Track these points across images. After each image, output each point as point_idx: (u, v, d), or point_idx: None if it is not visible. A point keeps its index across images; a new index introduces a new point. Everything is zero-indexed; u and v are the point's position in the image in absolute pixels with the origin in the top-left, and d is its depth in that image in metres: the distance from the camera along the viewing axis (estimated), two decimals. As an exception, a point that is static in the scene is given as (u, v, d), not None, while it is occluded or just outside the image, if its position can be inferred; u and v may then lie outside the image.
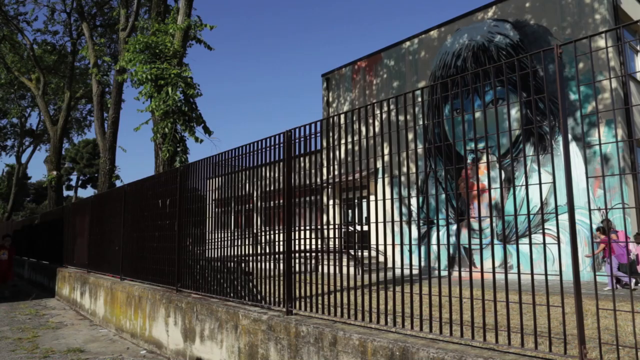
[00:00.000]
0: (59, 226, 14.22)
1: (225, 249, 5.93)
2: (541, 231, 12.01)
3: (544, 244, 2.94)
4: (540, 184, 2.98)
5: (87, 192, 58.11)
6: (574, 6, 13.10)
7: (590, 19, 12.71)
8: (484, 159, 11.54)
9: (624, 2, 13.15)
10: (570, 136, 12.65)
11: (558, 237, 2.72)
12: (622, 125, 12.03)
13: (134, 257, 8.37)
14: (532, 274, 2.96)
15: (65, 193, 54.73)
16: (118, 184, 15.70)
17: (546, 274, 2.99)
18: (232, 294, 5.66)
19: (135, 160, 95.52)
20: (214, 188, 6.33)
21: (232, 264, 5.81)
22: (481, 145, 13.31)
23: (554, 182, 3.10)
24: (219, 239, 6.08)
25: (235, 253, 5.77)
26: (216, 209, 6.31)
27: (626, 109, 11.82)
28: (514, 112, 13.40)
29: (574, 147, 12.31)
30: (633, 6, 13.77)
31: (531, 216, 12.30)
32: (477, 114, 12.47)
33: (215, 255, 6.13)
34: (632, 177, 11.55)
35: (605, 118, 12.02)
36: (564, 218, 10.85)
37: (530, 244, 3.10)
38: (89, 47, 17.37)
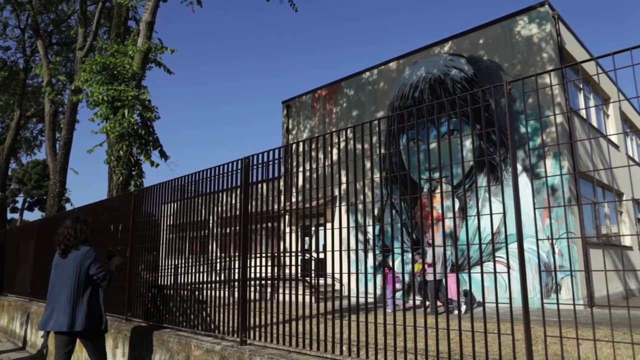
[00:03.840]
0: (0, 251, 13.45)
1: (180, 276, 5.77)
2: (495, 259, 12.36)
3: (495, 272, 3.02)
4: (491, 214, 3.08)
5: (35, 215, 55.45)
6: (523, 45, 13.87)
7: (538, 57, 13.47)
8: (439, 188, 11.90)
9: (568, 43, 14.04)
10: (520, 167, 13.19)
11: (508, 265, 2.81)
12: (567, 157, 12.67)
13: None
14: (483, 302, 3.02)
15: (10, 216, 52.07)
16: (68, 207, 15.09)
17: (497, 303, 3.06)
18: (184, 323, 5.48)
19: (88, 183, 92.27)
20: (169, 213, 6.18)
21: (185, 291, 5.64)
22: (437, 175, 13.68)
23: (504, 212, 3.21)
24: (173, 266, 5.90)
25: (190, 280, 5.62)
26: (171, 235, 6.15)
27: (570, 143, 12.47)
28: (469, 143, 13.88)
29: (524, 178, 12.82)
30: (576, 48, 14.73)
31: (483, 245, 12.64)
32: (433, 145, 12.84)
33: (169, 283, 5.94)
34: (577, 207, 12.12)
35: (552, 151, 12.64)
36: (514, 247, 11.21)
37: (482, 272, 3.18)
38: (43, 65, 16.86)
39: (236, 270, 4.91)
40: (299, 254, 4.60)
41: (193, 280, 5.58)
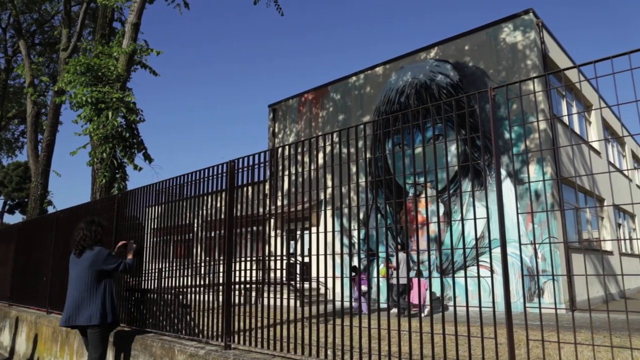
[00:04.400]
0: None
1: (164, 279, 5.71)
2: (479, 263, 12.48)
3: (478, 277, 3.04)
4: (475, 219, 3.11)
5: (16, 218, 54.50)
6: (508, 52, 14.06)
7: (523, 64, 13.66)
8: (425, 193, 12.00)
9: (552, 51, 14.27)
10: (504, 173, 13.34)
11: (491, 269, 2.84)
12: (550, 163, 12.84)
13: (63, 289, 7.85)
14: (467, 306, 3.04)
15: (-10, 218, 51.00)
16: (50, 210, 14.85)
17: (480, 307, 3.08)
18: (168, 328, 5.42)
19: (70, 186, 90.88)
20: (153, 217, 6.12)
21: (169, 295, 5.59)
22: (422, 179, 13.76)
23: (487, 217, 3.24)
24: (157, 270, 5.84)
25: (174, 284, 5.57)
26: (155, 238, 6.08)
27: (553, 149, 12.65)
28: (454, 149, 14.00)
29: (508, 183, 12.96)
30: (559, 55, 14.97)
31: (467, 250, 12.74)
32: (419, 150, 12.93)
33: (153, 287, 5.88)
34: (560, 212, 12.29)
35: (536, 156, 12.81)
36: (498, 251, 11.32)
37: (466, 277, 3.20)
38: (25, 66, 16.61)
39: (221, 274, 4.88)
40: (284, 257, 4.59)
41: (177, 284, 5.53)
